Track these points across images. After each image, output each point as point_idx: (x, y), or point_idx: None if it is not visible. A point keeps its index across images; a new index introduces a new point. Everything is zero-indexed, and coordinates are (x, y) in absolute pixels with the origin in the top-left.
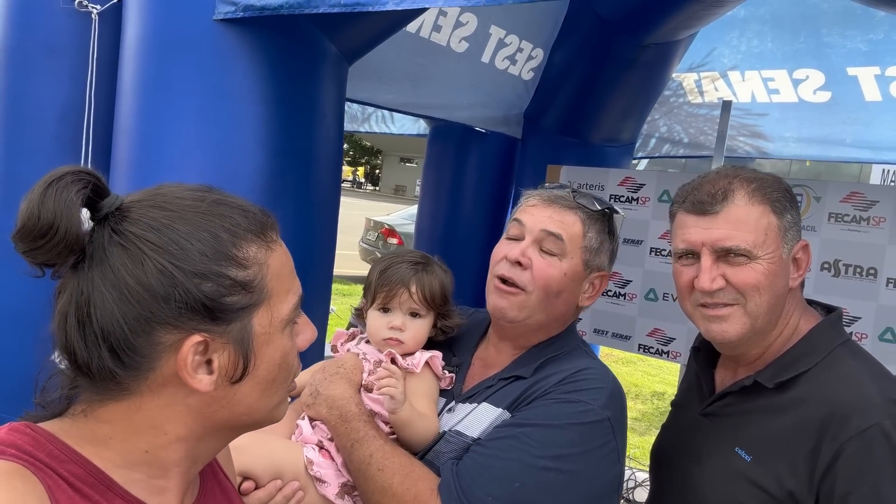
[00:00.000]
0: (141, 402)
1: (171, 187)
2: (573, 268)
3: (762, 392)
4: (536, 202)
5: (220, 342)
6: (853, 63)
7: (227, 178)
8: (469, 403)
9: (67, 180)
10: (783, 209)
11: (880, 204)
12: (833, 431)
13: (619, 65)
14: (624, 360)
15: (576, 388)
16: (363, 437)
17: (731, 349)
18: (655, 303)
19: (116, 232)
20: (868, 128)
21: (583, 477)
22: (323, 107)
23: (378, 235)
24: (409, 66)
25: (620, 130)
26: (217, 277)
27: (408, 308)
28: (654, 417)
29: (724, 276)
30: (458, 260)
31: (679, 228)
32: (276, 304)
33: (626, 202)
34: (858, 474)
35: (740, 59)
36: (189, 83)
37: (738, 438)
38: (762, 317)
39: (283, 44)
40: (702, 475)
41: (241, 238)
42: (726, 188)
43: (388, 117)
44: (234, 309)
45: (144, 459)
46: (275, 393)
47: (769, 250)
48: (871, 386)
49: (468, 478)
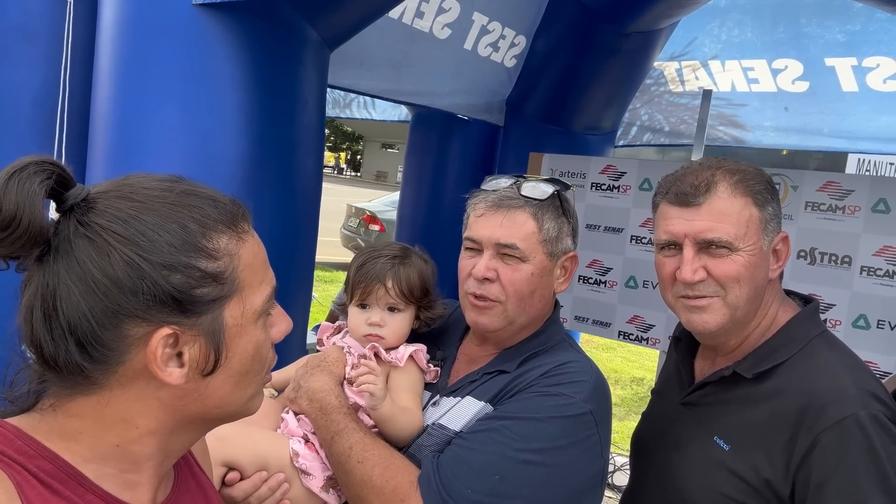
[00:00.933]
0: (110, 395)
1: (138, 177)
2: (539, 265)
3: (741, 382)
4: (483, 210)
5: (190, 335)
6: (831, 53)
7: (206, 166)
8: (453, 397)
9: (30, 171)
10: (765, 201)
11: (855, 193)
12: (809, 422)
13: (602, 53)
14: (604, 346)
15: (558, 382)
16: (343, 429)
17: (711, 339)
18: (635, 290)
19: (82, 223)
20: (845, 118)
21: (564, 470)
22: (304, 93)
23: (360, 222)
24: (391, 53)
25: (602, 118)
26: (186, 269)
27: (385, 303)
28: (633, 403)
29: (706, 268)
30: (441, 248)
31: (662, 219)
32: (249, 295)
33: (608, 190)
34: (834, 464)
35: (721, 48)
36: (168, 69)
37: (716, 428)
38: (742, 308)
39: (264, 29)
40: (680, 463)
41: (211, 229)
42: (709, 180)
43: (370, 103)
44: (204, 301)
45: (115, 454)
46: (248, 385)
47: (750, 242)
48: (846, 377)
49: (448, 470)
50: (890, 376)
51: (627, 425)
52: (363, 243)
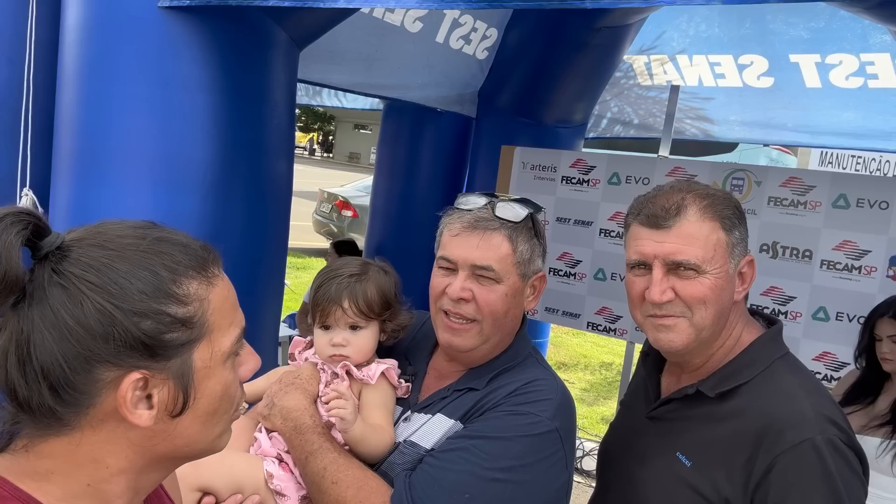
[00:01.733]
0: (82, 436)
1: (112, 225)
2: (513, 286)
3: (704, 400)
4: (459, 230)
5: (159, 378)
6: (795, 50)
7: (174, 170)
8: (424, 414)
9: (7, 222)
10: (732, 226)
11: (817, 189)
12: (768, 444)
13: (572, 47)
14: (573, 332)
15: (526, 401)
16: (317, 449)
17: (677, 357)
18: (604, 282)
19: (56, 272)
20: (808, 113)
21: (531, 487)
22: (274, 95)
23: (332, 207)
24: (362, 47)
25: (573, 111)
26: (156, 315)
27: (346, 323)
28: (601, 388)
29: (674, 289)
30: (414, 241)
31: (633, 240)
32: (217, 338)
33: (578, 184)
34: (790, 486)
35: (688, 43)
36: (134, 72)
37: (679, 443)
38: (707, 329)
39: (231, 31)
40: (644, 477)
41: (182, 275)
42: (679, 203)
43: (341, 91)
44: (173, 345)
45: (87, 493)
46: (216, 424)
47: (717, 265)
48: (804, 402)
49: (420, 489)
50: (846, 369)
51: (596, 410)
52: (336, 229)
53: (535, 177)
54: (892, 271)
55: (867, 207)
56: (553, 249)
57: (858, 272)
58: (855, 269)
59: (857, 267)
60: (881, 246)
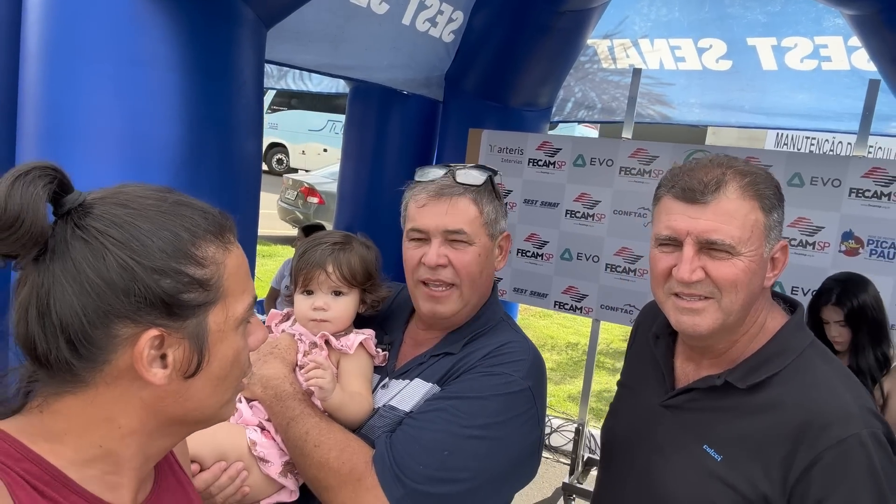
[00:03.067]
0: (96, 394)
1: (133, 186)
2: (484, 246)
3: (732, 392)
4: (425, 200)
5: (175, 337)
6: (752, 33)
7: (142, 149)
8: (402, 380)
9: (34, 174)
10: (771, 207)
11: (773, 168)
12: (811, 439)
13: (537, 30)
14: (541, 314)
15: (500, 362)
16: (298, 414)
17: (699, 341)
18: (570, 262)
19: (79, 226)
20: (764, 95)
21: (507, 442)
22: (242, 73)
23: (298, 194)
24: (328, 27)
25: (538, 95)
26: (176, 274)
27: (329, 287)
28: (568, 367)
29: (704, 269)
30: (383, 224)
31: (664, 214)
32: (232, 303)
33: (544, 166)
34: (834, 482)
35: (650, 27)
36: (100, 50)
37: (706, 436)
38: (735, 314)
39: (198, 8)
40: (667, 469)
41: (201, 238)
42: (719, 178)
43: (306, 75)
44: (191, 306)
45: (99, 455)
46: (226, 390)
47: (752, 248)
48: (847, 395)
49: (400, 449)
50: None
51: (563, 388)
52: (301, 216)
53: (503, 159)
54: (844, 247)
55: (820, 185)
56: (520, 231)
57: (812, 248)
58: (809, 244)
59: (811, 243)
60: (834, 222)
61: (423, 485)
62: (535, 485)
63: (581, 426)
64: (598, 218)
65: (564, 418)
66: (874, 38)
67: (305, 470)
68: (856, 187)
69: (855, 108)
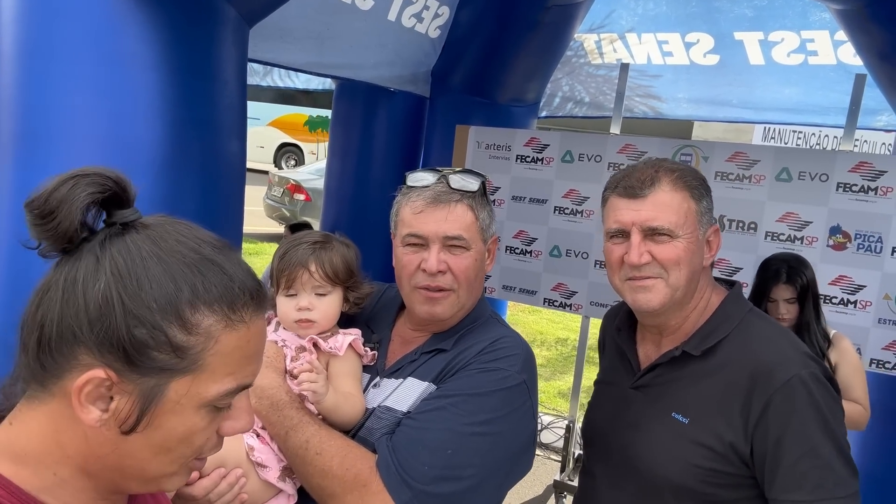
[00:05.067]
0: (53, 408)
1: (187, 227)
2: (479, 251)
3: (689, 360)
4: (422, 207)
5: (125, 388)
6: (740, 28)
7: (123, 151)
8: (394, 379)
9: (87, 180)
10: (700, 196)
11: (761, 163)
12: (761, 385)
13: (523, 25)
14: (529, 309)
15: (495, 357)
16: (297, 423)
17: (654, 318)
18: (559, 259)
19: (104, 244)
20: (752, 89)
21: (507, 436)
22: (224, 73)
23: (284, 191)
24: (313, 25)
25: (526, 90)
26: (153, 329)
27: (311, 287)
28: (558, 363)
29: (651, 252)
30: (369, 221)
31: (611, 211)
32: (205, 380)
33: (532, 162)
34: (787, 419)
35: (637, 21)
36: (77, 50)
37: (672, 404)
38: (681, 289)
39: (178, 7)
40: (643, 441)
41: (203, 303)
42: (653, 176)
43: (292, 72)
44: (153, 365)
45: (56, 483)
46: (170, 463)
47: (688, 231)
48: (784, 343)
49: (404, 451)
50: None
51: (553, 385)
52: (288, 213)
53: (490, 156)
54: (832, 241)
55: (808, 180)
56: (509, 228)
57: (801, 242)
58: (797, 239)
59: (800, 237)
60: (821, 217)
61: (430, 485)
62: (527, 482)
63: (572, 423)
64: (586, 214)
65: (555, 415)
66: (860, 33)
67: (308, 479)
68: (843, 182)
69: (841, 103)
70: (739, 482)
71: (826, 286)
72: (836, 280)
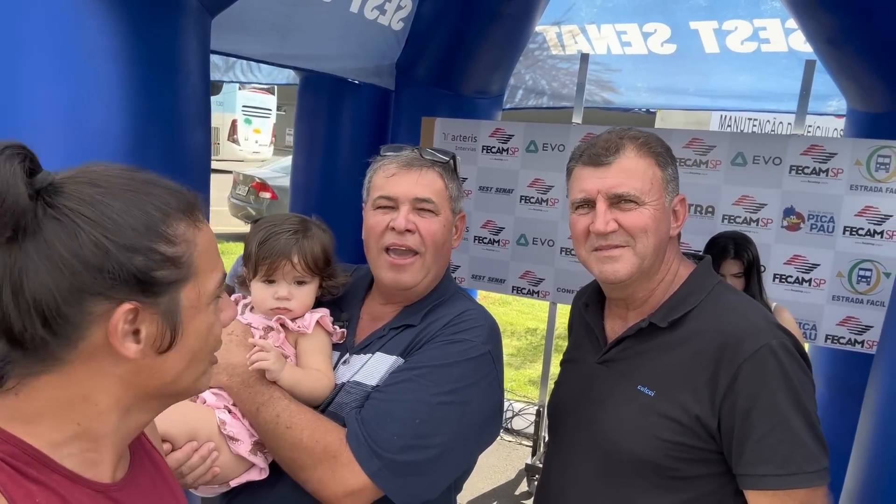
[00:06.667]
0: (72, 372)
1: (100, 166)
2: (447, 218)
3: (656, 332)
4: (395, 170)
5: (148, 313)
6: (695, 17)
7: (84, 142)
8: (363, 354)
9: (9, 153)
10: (665, 163)
11: (717, 148)
12: (729, 356)
13: (485, 17)
14: (500, 301)
15: (460, 329)
16: (268, 399)
17: (621, 290)
18: (526, 247)
19: (50, 206)
20: (708, 78)
21: (473, 405)
22: (186, 63)
23: (249, 189)
24: (275, 17)
25: (490, 82)
26: (148, 252)
27: (292, 278)
28: (528, 353)
29: (617, 220)
30: (337, 214)
31: (576, 181)
32: (203, 280)
33: (497, 153)
34: (756, 391)
35: (596, 13)
36: (37, 41)
37: (638, 377)
38: (648, 257)
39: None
40: (608, 416)
41: (171, 216)
42: (617, 143)
43: (255, 66)
44: (163, 283)
45: (77, 433)
46: (199, 363)
47: (654, 198)
48: (754, 314)
49: (372, 423)
50: None
51: (524, 373)
52: (254, 212)
53: (457, 147)
54: (786, 222)
55: (762, 164)
56: (477, 218)
57: (756, 224)
58: (753, 221)
59: (755, 219)
60: (776, 199)
61: (399, 454)
62: (499, 468)
63: (541, 408)
64: (551, 203)
65: (526, 402)
66: (809, 20)
67: (279, 452)
68: (796, 164)
69: (794, 89)
70: (705, 457)
71: (781, 266)
72: (791, 260)
